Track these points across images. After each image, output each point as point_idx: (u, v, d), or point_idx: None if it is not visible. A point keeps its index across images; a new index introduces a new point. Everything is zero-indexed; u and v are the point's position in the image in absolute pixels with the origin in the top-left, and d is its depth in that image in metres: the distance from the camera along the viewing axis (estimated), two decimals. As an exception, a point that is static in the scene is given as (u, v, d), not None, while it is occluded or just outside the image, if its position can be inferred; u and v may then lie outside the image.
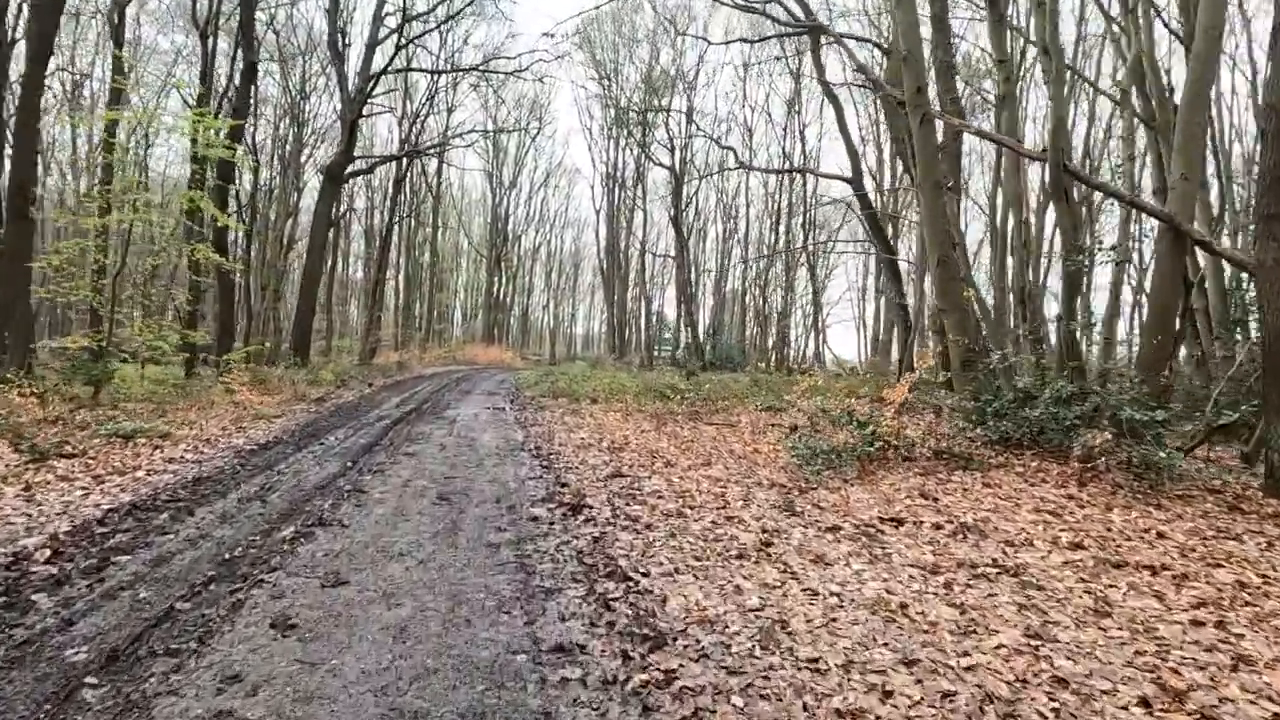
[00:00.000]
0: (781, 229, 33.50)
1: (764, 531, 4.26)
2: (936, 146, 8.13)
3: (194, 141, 12.94)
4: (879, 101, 16.71)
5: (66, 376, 8.70)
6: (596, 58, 33.71)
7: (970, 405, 6.99)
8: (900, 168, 28.17)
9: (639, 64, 33.52)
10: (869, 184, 19.71)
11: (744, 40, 17.52)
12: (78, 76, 26.69)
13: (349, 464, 6.08)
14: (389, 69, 19.47)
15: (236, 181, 23.94)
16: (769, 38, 16.69)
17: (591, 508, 4.76)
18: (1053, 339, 12.49)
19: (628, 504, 4.90)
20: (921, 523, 4.56)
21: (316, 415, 9.41)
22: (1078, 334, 6.88)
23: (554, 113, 70.79)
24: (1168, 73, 10.55)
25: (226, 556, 3.44)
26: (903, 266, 17.91)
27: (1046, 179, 9.91)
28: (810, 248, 27.26)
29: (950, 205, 8.91)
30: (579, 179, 76.87)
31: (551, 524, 4.36)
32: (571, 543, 3.95)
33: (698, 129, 23.32)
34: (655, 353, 35.09)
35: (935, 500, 5.17)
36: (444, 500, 4.87)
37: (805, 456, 6.28)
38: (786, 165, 28.91)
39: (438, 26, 21.65)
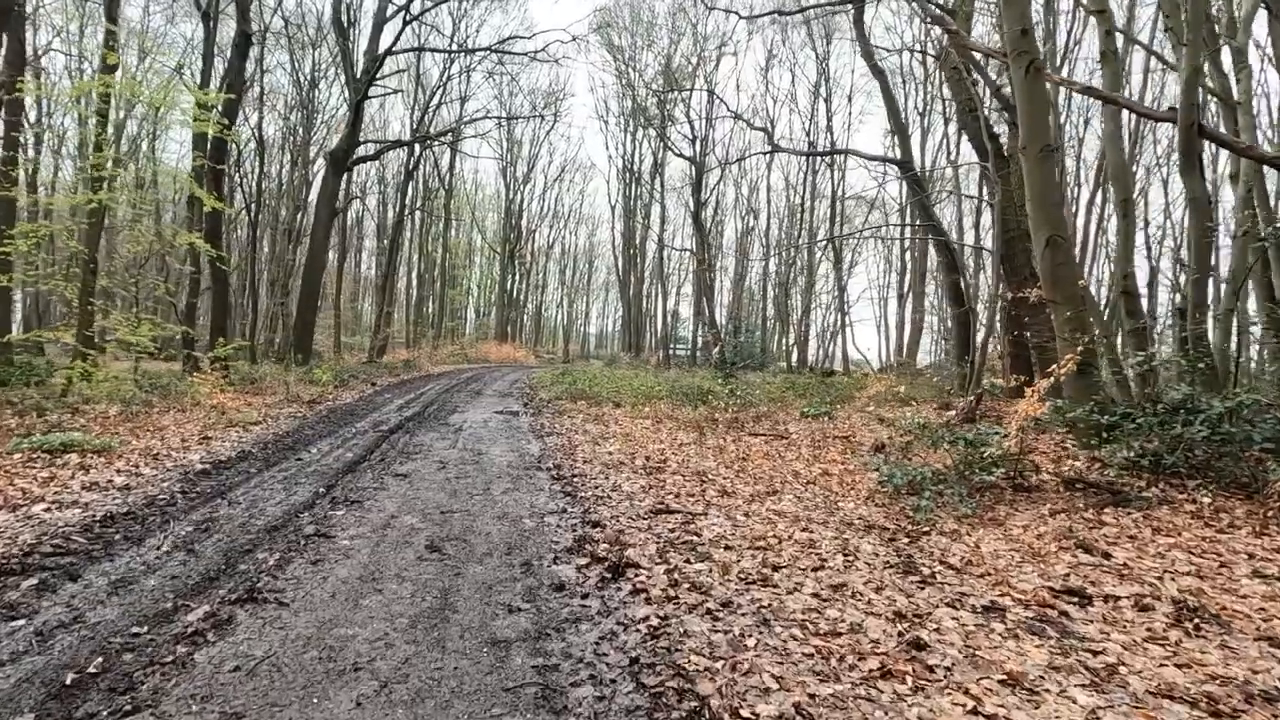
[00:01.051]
0: (803, 222, 32.01)
1: (898, 616, 2.90)
2: (1047, 102, 6.68)
3: (194, 119, 11.86)
4: (940, 73, 15.19)
5: (4, 376, 7.51)
6: (615, 43, 32.41)
7: (1098, 419, 5.56)
8: (940, 148, 26.48)
9: (658, 53, 32.19)
10: (895, 170, 18.09)
11: (779, 13, 16.07)
12: (81, 61, 25.91)
13: (322, 489, 4.81)
14: (395, 48, 18.27)
15: (239, 166, 22.92)
16: (809, 8, 15.22)
17: (638, 566, 3.43)
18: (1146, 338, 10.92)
19: (687, 561, 3.56)
20: (1115, 598, 3.18)
21: (302, 421, 8.18)
22: (1258, 332, 5.41)
23: (569, 104, 69.58)
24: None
25: (73, 677, 2.15)
26: (927, 264, 16.36)
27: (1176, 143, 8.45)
28: (841, 237, 25.68)
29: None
30: (594, 174, 75.73)
31: (585, 596, 3.05)
32: (618, 637, 2.63)
33: (726, 109, 21.88)
34: (671, 351, 33.76)
35: (1106, 556, 3.78)
36: (435, 551, 3.57)
37: (900, 486, 4.92)
38: (819, 149, 27.33)
39: (446, 1, 20.41)
